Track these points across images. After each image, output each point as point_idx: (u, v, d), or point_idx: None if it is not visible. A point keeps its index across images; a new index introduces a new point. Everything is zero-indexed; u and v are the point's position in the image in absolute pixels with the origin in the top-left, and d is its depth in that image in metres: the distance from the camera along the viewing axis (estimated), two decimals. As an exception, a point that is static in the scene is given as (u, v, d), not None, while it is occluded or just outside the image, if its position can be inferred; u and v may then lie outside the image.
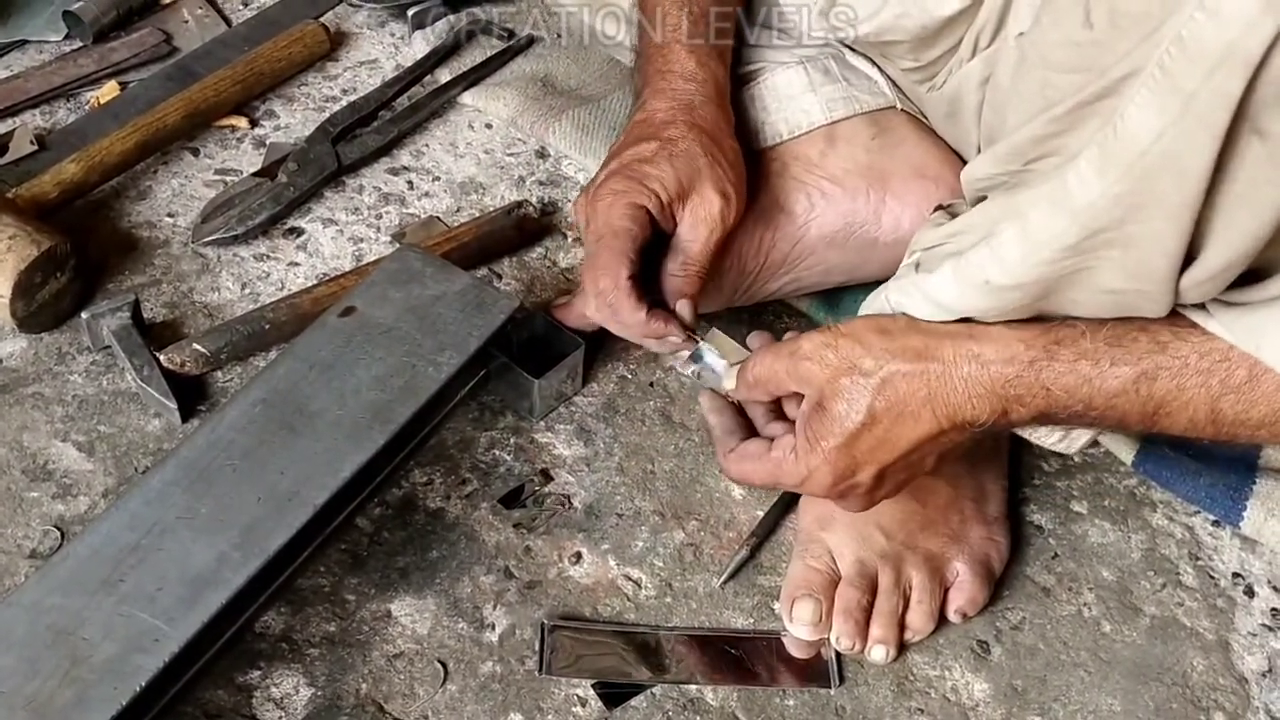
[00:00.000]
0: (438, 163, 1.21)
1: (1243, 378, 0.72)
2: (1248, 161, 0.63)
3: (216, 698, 0.82)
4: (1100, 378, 0.74)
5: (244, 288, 1.08)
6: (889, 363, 0.76)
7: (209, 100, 1.19)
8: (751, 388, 0.84)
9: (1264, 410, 0.72)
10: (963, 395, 0.75)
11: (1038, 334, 0.75)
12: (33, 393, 0.98)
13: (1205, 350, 0.72)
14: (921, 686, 0.88)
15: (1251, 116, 0.61)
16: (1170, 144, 0.63)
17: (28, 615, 0.75)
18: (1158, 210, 0.66)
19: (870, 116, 0.99)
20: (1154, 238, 0.67)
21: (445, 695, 0.84)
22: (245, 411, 0.87)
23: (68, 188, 1.09)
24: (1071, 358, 0.74)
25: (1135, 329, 0.74)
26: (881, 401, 0.76)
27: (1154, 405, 0.74)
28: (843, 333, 0.78)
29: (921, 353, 0.76)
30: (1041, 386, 0.74)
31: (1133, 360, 0.73)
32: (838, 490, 0.80)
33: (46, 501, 0.92)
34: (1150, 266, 0.69)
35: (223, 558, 0.79)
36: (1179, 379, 0.73)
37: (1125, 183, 0.66)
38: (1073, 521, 0.98)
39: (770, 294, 1.03)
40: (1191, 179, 0.64)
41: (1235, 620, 0.93)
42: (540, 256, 1.14)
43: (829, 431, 0.77)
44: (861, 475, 0.79)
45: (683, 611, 0.90)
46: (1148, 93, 0.63)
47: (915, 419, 0.76)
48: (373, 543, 0.92)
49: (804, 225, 0.97)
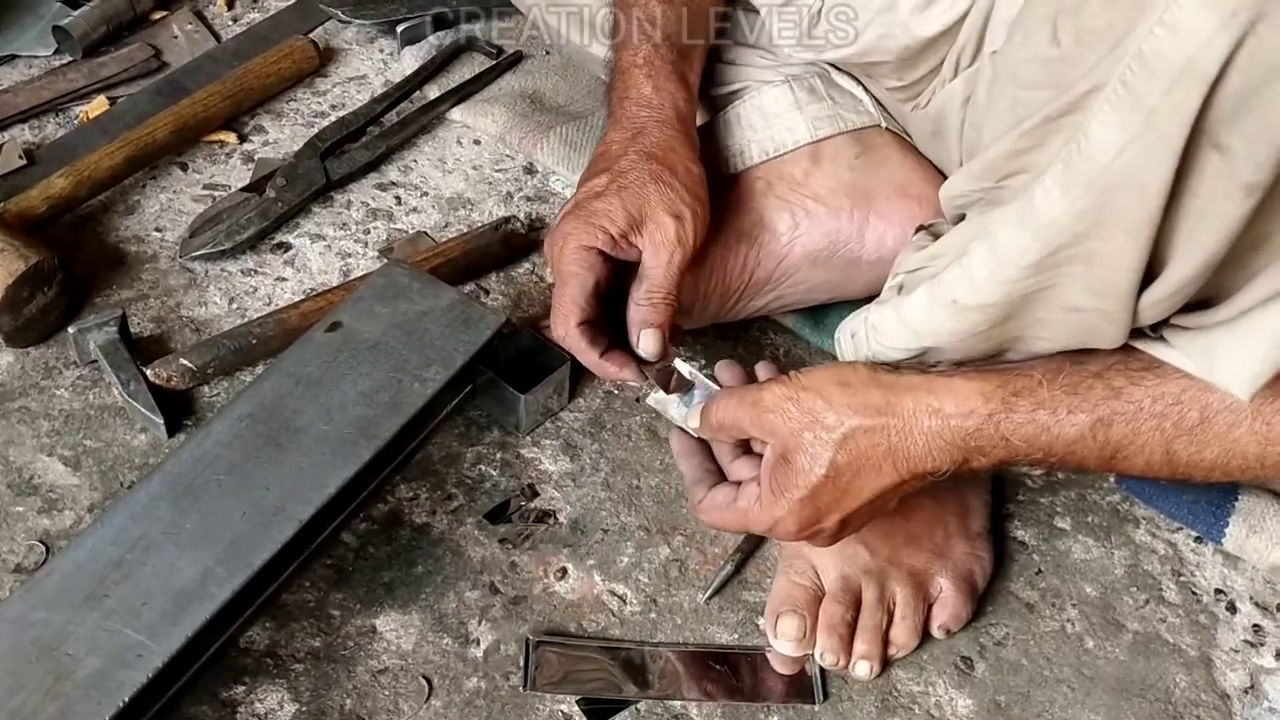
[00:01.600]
0: (426, 178, 1.22)
1: (1195, 420, 0.73)
2: (1206, 176, 0.63)
3: (201, 713, 0.82)
4: (1058, 425, 0.75)
5: (231, 303, 1.08)
6: (850, 418, 0.77)
7: (198, 115, 1.19)
8: (715, 430, 0.85)
9: (1216, 451, 0.74)
10: (923, 449, 0.76)
11: (995, 386, 0.76)
12: (19, 407, 0.98)
13: (1158, 394, 0.74)
14: (905, 702, 0.88)
15: (1209, 131, 0.62)
16: (1131, 159, 0.64)
17: (12, 630, 0.75)
18: (1118, 226, 0.67)
19: (855, 135, 1.00)
20: (1115, 254, 0.68)
21: (430, 711, 0.84)
22: (231, 426, 0.87)
23: (56, 202, 1.09)
24: (1029, 408, 0.75)
25: (1090, 376, 0.75)
26: (843, 456, 0.77)
27: (1111, 450, 0.75)
28: (804, 385, 0.78)
29: (882, 408, 0.76)
30: (1001, 437, 0.75)
31: (1089, 407, 0.74)
32: (803, 536, 0.81)
33: (32, 516, 0.92)
34: (1112, 283, 0.69)
35: (207, 573, 0.79)
36: (1134, 424, 0.74)
37: (1087, 199, 0.67)
38: (1056, 537, 0.98)
39: (754, 311, 1.03)
40: (1151, 194, 0.64)
41: (1217, 636, 0.94)
42: (527, 272, 1.14)
43: (792, 484, 0.78)
44: (826, 523, 0.79)
45: (668, 627, 0.91)
46: (1110, 108, 0.64)
47: (877, 472, 0.77)
48: (358, 558, 0.92)
49: (788, 244, 0.98)
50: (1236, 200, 0.63)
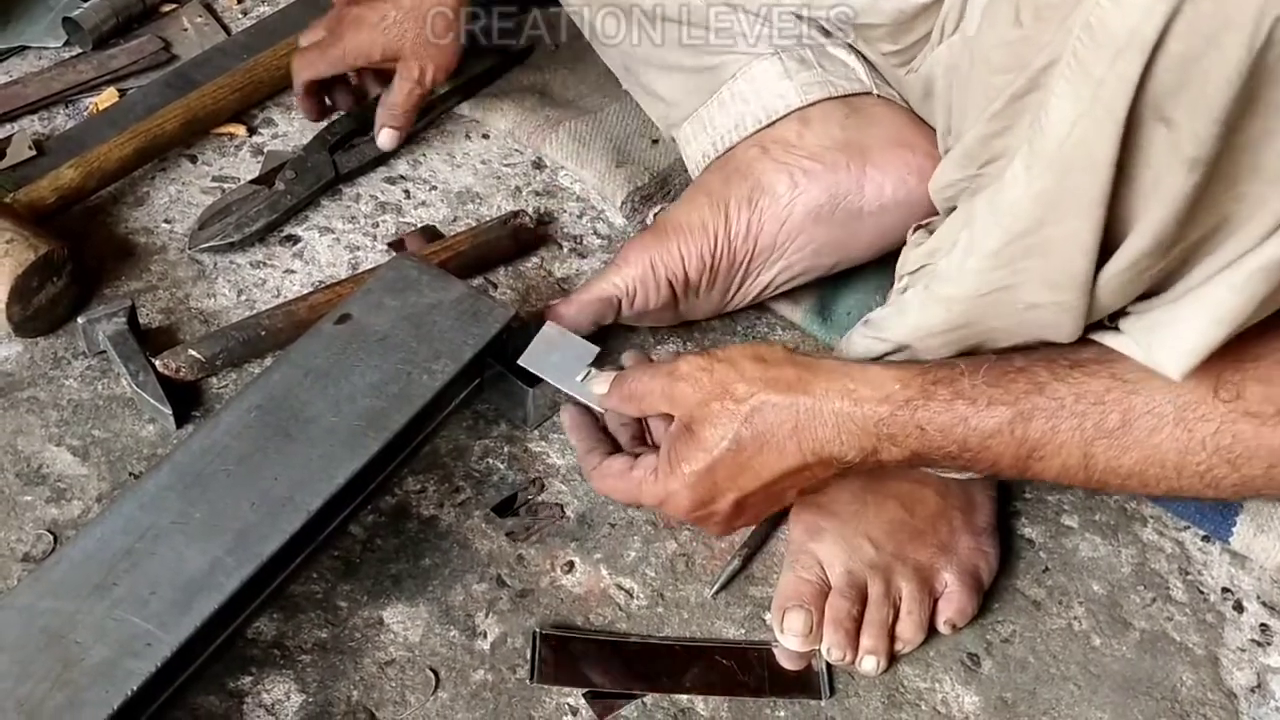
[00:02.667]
0: (435, 172, 1.22)
1: (1116, 422, 0.72)
2: (1155, 150, 0.63)
3: (208, 703, 0.83)
4: (977, 417, 0.74)
5: (240, 294, 1.08)
6: (761, 391, 0.76)
7: (207, 108, 1.19)
8: (625, 400, 0.83)
9: (1135, 457, 0.72)
10: (831, 430, 0.75)
11: (915, 374, 0.75)
12: (28, 397, 0.98)
13: (1081, 392, 0.73)
14: (912, 699, 0.88)
15: (1156, 104, 0.61)
16: (1082, 133, 0.64)
17: (20, 618, 0.75)
18: (1072, 206, 0.67)
19: (845, 100, 1.01)
20: (1070, 238, 0.68)
21: (436, 703, 0.84)
22: (240, 417, 0.87)
23: (65, 193, 1.09)
24: (948, 397, 0.74)
25: (1014, 370, 0.74)
26: (748, 430, 0.76)
27: (1028, 448, 0.74)
28: (720, 358, 0.78)
29: (794, 384, 0.76)
30: (916, 426, 0.74)
31: (1010, 400, 0.73)
32: (695, 516, 0.79)
33: (40, 505, 0.92)
34: (1068, 271, 0.69)
35: (216, 563, 0.79)
36: (1054, 420, 0.73)
37: (1046, 177, 0.67)
38: (1063, 535, 0.98)
39: (763, 290, 1.04)
40: (1101, 169, 0.64)
41: (1224, 635, 0.94)
42: (536, 266, 1.14)
43: (692, 456, 0.77)
44: (720, 503, 0.78)
45: (674, 621, 0.91)
46: (1065, 82, 0.64)
47: (780, 451, 0.76)
48: (365, 550, 0.92)
49: (789, 204, 0.99)
50: (1181, 175, 0.63)
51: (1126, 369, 0.73)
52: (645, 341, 1.08)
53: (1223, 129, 0.60)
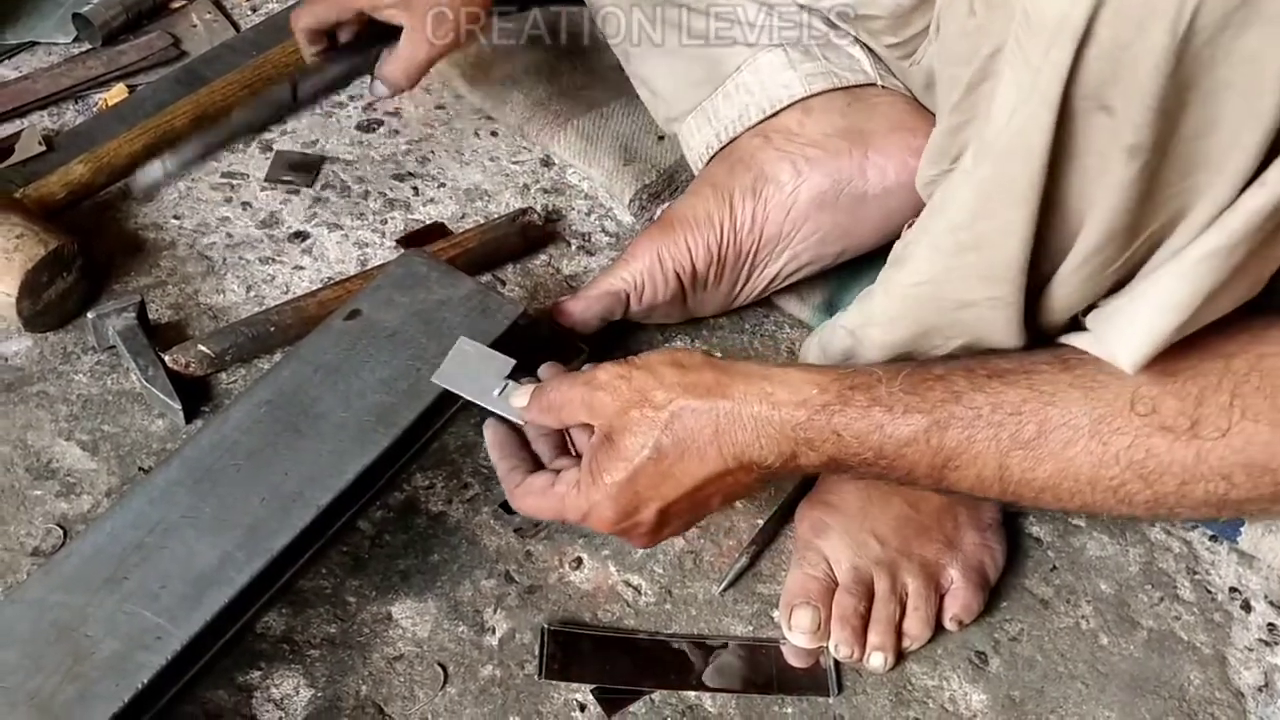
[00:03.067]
0: (443, 169, 1.22)
1: (1032, 433, 0.71)
2: (1097, 138, 0.63)
3: (217, 697, 0.83)
4: (893, 424, 0.73)
5: (249, 290, 1.08)
6: (679, 397, 0.75)
7: (217, 104, 1.19)
8: (544, 411, 0.81)
9: (1050, 469, 0.72)
10: (751, 434, 0.74)
11: (833, 379, 0.75)
12: (38, 391, 0.98)
13: (998, 402, 0.72)
14: (919, 696, 0.88)
15: (1095, 92, 0.62)
16: (1021, 121, 0.64)
17: (31, 611, 0.76)
18: (1009, 195, 0.67)
19: (848, 90, 1.01)
20: (1006, 228, 0.68)
21: (445, 698, 0.84)
22: (250, 412, 0.87)
23: (75, 189, 1.09)
24: (865, 403, 0.73)
25: (932, 378, 0.74)
26: (668, 437, 0.75)
27: (944, 457, 0.73)
28: (638, 365, 0.77)
29: (713, 388, 0.75)
30: (833, 431, 0.74)
31: (927, 408, 0.73)
32: (620, 527, 0.78)
33: (50, 500, 0.92)
34: (1004, 262, 0.69)
35: (226, 557, 0.79)
36: (970, 430, 0.72)
37: (986, 166, 0.67)
38: (1071, 534, 0.98)
39: (771, 282, 1.04)
40: (1035, 157, 0.64)
41: (1232, 635, 0.94)
42: (544, 263, 1.14)
43: (614, 466, 0.76)
44: (644, 513, 0.77)
45: (682, 618, 0.91)
46: (1009, 69, 0.65)
47: (701, 456, 0.75)
48: (374, 545, 0.92)
49: (793, 191, 0.99)
50: (1122, 163, 0.63)
51: (1045, 381, 0.72)
52: (654, 339, 1.08)
53: (1159, 116, 0.61)
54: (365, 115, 1.26)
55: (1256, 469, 0.68)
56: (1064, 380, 0.71)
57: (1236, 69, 0.59)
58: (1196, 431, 0.68)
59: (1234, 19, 0.57)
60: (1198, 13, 0.57)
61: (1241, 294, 0.67)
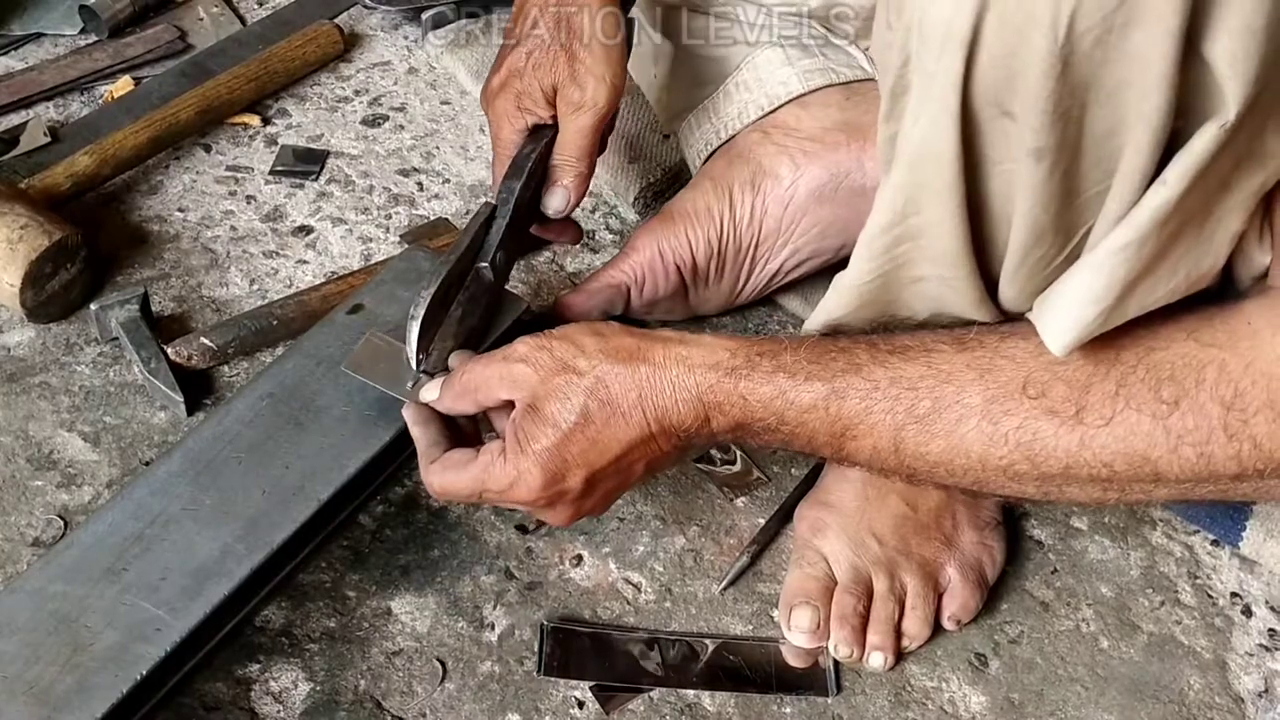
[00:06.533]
0: (448, 165, 1.22)
1: (926, 409, 0.73)
2: (1003, 142, 0.65)
3: (215, 690, 0.83)
4: (795, 391, 0.75)
5: (252, 284, 1.08)
6: (603, 362, 0.76)
7: (222, 97, 1.20)
8: (460, 396, 0.81)
9: (942, 445, 0.73)
10: (670, 398, 0.76)
11: (744, 345, 0.77)
12: (40, 382, 0.98)
13: (896, 376, 0.74)
14: (919, 697, 0.88)
15: (994, 99, 0.63)
16: (925, 128, 0.66)
17: (31, 601, 0.76)
18: (929, 197, 0.69)
19: (845, 86, 1.02)
20: (936, 224, 0.70)
21: (443, 694, 0.84)
22: (252, 405, 0.87)
23: (80, 180, 1.09)
24: (770, 369, 0.76)
25: (836, 350, 0.76)
26: (594, 401, 0.76)
27: (842, 426, 0.75)
28: (556, 336, 0.78)
29: (634, 353, 0.77)
30: (739, 395, 0.76)
31: (827, 377, 0.75)
32: (546, 496, 0.78)
33: (51, 490, 0.92)
34: (942, 249, 0.71)
35: (226, 550, 0.79)
36: (867, 401, 0.74)
37: (901, 170, 0.69)
38: (1072, 537, 0.98)
39: (773, 278, 1.05)
40: (945, 160, 0.66)
41: (1233, 640, 0.94)
42: (547, 260, 1.14)
43: (541, 433, 0.76)
44: (571, 480, 0.77)
45: (682, 616, 0.91)
46: (916, 78, 0.66)
47: (626, 420, 0.76)
48: (375, 540, 0.92)
49: (792, 185, 1.00)
50: (1030, 165, 0.64)
51: (942, 360, 0.74)
52: (656, 337, 1.08)
53: (1058, 119, 0.62)
54: (370, 110, 1.26)
55: (1137, 458, 0.70)
56: (960, 360, 0.73)
57: (1130, 68, 0.60)
58: (1081, 418, 0.70)
59: (1115, 20, 0.59)
60: (1075, 16, 0.59)
61: (1177, 287, 0.69)
